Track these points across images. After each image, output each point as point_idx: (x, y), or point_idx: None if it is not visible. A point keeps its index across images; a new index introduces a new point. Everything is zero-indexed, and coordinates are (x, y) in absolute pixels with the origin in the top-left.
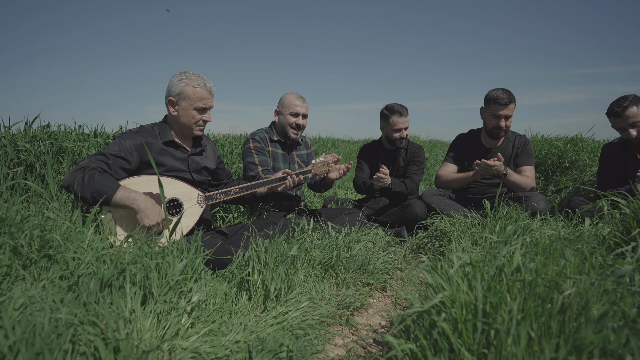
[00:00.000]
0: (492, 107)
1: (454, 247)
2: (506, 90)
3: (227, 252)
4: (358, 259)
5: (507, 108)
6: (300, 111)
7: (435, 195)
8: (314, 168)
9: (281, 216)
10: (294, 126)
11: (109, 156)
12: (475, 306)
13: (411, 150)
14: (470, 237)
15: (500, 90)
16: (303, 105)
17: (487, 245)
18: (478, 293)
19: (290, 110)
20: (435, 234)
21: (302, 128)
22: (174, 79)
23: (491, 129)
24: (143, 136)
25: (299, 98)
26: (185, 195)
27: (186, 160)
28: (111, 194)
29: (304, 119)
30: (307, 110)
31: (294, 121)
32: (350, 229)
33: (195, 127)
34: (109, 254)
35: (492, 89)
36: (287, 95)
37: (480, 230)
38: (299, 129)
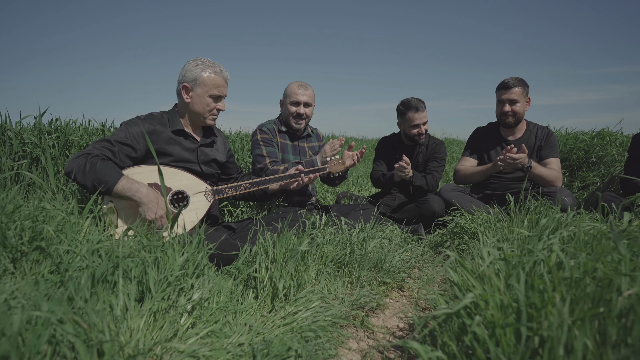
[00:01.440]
0: (497, 94)
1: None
2: (517, 77)
3: (232, 247)
4: (373, 257)
5: (510, 92)
6: (301, 99)
7: (454, 190)
8: (329, 166)
9: (291, 211)
10: (295, 115)
11: (115, 143)
12: (516, 308)
13: (432, 146)
14: (496, 234)
15: (509, 78)
16: (304, 93)
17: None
18: (518, 293)
19: (291, 99)
20: (455, 231)
21: (305, 118)
22: (189, 65)
23: (499, 116)
24: (151, 123)
25: (301, 86)
26: (192, 188)
27: (195, 151)
28: (112, 183)
29: (306, 107)
30: (309, 98)
31: (295, 110)
32: (365, 225)
33: (209, 115)
34: (105, 247)
35: None
36: (290, 84)
37: (507, 226)
38: (300, 118)
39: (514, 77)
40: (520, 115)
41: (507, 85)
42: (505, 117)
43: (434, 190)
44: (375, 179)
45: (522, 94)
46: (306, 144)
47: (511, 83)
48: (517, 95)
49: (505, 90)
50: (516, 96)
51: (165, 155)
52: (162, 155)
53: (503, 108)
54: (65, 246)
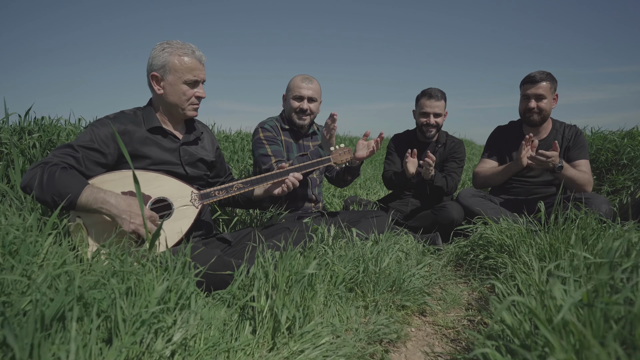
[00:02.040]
0: (522, 88)
1: (518, 259)
2: (544, 71)
3: (226, 267)
4: (390, 275)
5: (537, 86)
6: (305, 94)
7: (474, 196)
8: (333, 156)
9: (295, 220)
10: (298, 111)
11: (78, 148)
12: None
13: (450, 145)
14: (531, 249)
15: (536, 71)
16: (309, 87)
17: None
18: None
19: (294, 93)
20: (479, 243)
21: (309, 114)
22: (154, 51)
23: (523, 113)
24: (122, 122)
25: (305, 79)
26: (176, 194)
27: (177, 150)
28: (75, 195)
29: (310, 102)
30: (315, 92)
31: (298, 105)
32: (379, 235)
33: (188, 105)
34: (67, 274)
35: None
36: (294, 78)
37: (548, 241)
38: (304, 114)
39: (541, 70)
40: (546, 113)
41: (533, 79)
42: (530, 114)
43: (452, 192)
44: (388, 178)
45: (550, 89)
46: (311, 142)
47: (538, 77)
48: (544, 90)
49: (532, 84)
50: (543, 91)
51: (142, 158)
52: (137, 159)
53: (528, 104)
54: (16, 274)
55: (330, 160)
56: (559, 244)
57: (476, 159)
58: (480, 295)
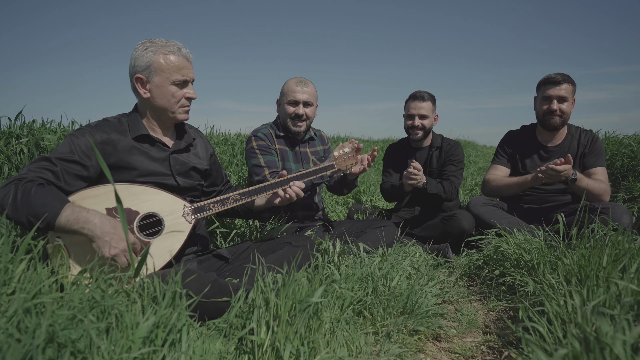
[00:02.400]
0: (542, 90)
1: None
2: (563, 73)
3: (222, 292)
4: (401, 297)
5: (558, 87)
6: (299, 98)
7: (485, 205)
8: (337, 162)
9: (297, 232)
10: (293, 117)
11: (56, 161)
12: None
13: (446, 148)
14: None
15: (555, 73)
16: (304, 90)
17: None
18: None
19: (288, 97)
20: (493, 257)
21: (305, 119)
22: (136, 51)
23: (542, 116)
24: (104, 131)
25: (300, 82)
26: (167, 208)
27: (167, 160)
28: (53, 215)
29: (306, 107)
30: (310, 96)
31: (293, 111)
32: (387, 249)
33: (178, 107)
34: (40, 306)
35: None
36: (288, 81)
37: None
38: (299, 119)
39: (559, 72)
40: (567, 117)
41: (555, 80)
42: (551, 117)
43: (453, 198)
44: (385, 190)
45: (572, 92)
46: (309, 149)
47: (560, 78)
48: (566, 92)
49: (554, 85)
50: (565, 93)
51: (128, 169)
52: (123, 170)
53: (550, 105)
54: None
55: (335, 166)
56: (590, 267)
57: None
58: (498, 317)
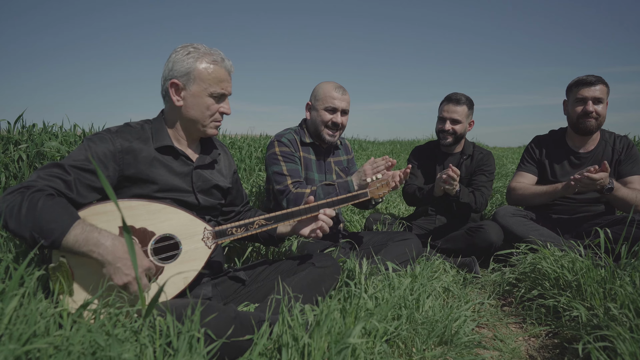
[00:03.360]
0: (574, 92)
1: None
2: (595, 75)
3: (244, 329)
4: (436, 324)
5: (593, 88)
6: (339, 105)
7: (514, 215)
8: (370, 191)
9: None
10: (329, 125)
11: (70, 169)
12: None
13: (478, 157)
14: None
15: (587, 75)
16: (342, 97)
17: None
18: None
19: (326, 104)
20: (530, 275)
21: (341, 128)
22: (177, 54)
23: (576, 119)
24: (125, 138)
25: (338, 88)
26: (186, 231)
27: (189, 175)
28: (60, 233)
29: (343, 115)
30: (348, 104)
31: (330, 118)
32: (417, 268)
33: (210, 122)
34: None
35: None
36: (323, 84)
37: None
38: (336, 129)
39: (591, 74)
40: (602, 120)
41: (589, 81)
42: (586, 119)
43: (481, 210)
44: (410, 194)
45: (607, 93)
46: (332, 158)
47: (594, 79)
48: (601, 93)
49: (588, 86)
50: (601, 94)
51: (147, 182)
52: (142, 184)
53: (586, 107)
54: None
55: (368, 194)
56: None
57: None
58: (542, 344)
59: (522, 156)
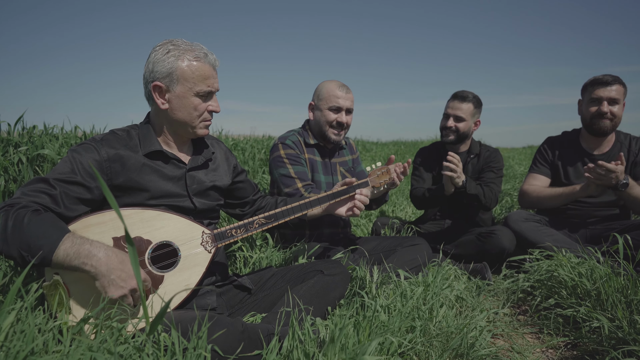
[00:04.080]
0: (589, 91)
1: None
2: (612, 74)
3: (252, 343)
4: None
5: (609, 88)
6: (343, 104)
7: (527, 220)
8: (371, 179)
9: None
10: (334, 125)
11: (55, 183)
12: None
13: (485, 155)
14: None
15: (603, 74)
16: (347, 96)
17: None
18: None
19: (330, 103)
20: (546, 283)
21: (345, 127)
22: (156, 54)
23: (590, 119)
24: (111, 146)
25: (342, 87)
26: (184, 236)
27: (183, 178)
28: (50, 249)
29: (348, 114)
30: (352, 103)
31: (335, 118)
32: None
33: (199, 122)
34: None
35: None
36: (326, 83)
37: None
38: (341, 128)
39: (608, 74)
40: (618, 121)
41: (605, 81)
42: (600, 120)
43: (491, 206)
44: (419, 197)
45: (624, 93)
46: (337, 159)
47: (611, 78)
48: (618, 94)
49: (604, 86)
50: (617, 94)
51: (138, 190)
52: (133, 192)
53: (600, 107)
54: None
55: (369, 183)
56: None
57: None
58: (561, 357)
59: (534, 158)
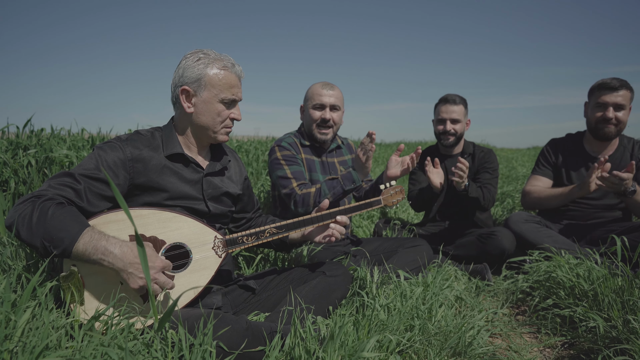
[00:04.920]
0: (595, 95)
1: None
2: (620, 78)
3: (255, 339)
4: (449, 334)
5: (615, 94)
6: (326, 101)
7: (527, 221)
8: (384, 197)
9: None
10: (319, 122)
11: (80, 178)
12: None
13: (479, 156)
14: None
15: (611, 78)
16: (330, 93)
17: None
18: None
19: (314, 101)
20: (544, 283)
21: (332, 125)
22: (187, 61)
23: (595, 124)
24: (135, 146)
25: (325, 85)
26: (197, 239)
27: (200, 182)
28: (70, 242)
29: (333, 111)
30: (337, 100)
31: (319, 115)
32: (429, 277)
33: (221, 128)
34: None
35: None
36: (312, 85)
37: None
38: (325, 125)
39: (616, 77)
40: (623, 126)
41: (612, 86)
42: (605, 125)
43: (489, 207)
44: (414, 198)
45: (630, 99)
46: (336, 158)
47: (618, 83)
48: (624, 99)
49: (610, 91)
50: (623, 100)
51: (158, 191)
52: (152, 192)
53: (606, 113)
54: None
55: (381, 202)
56: None
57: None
58: (558, 356)
59: (537, 159)
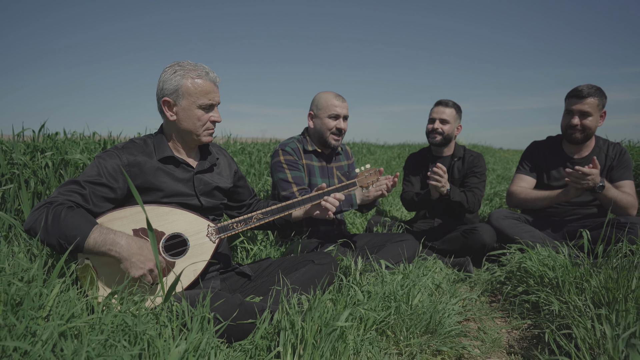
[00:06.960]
0: (566, 102)
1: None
2: (593, 85)
3: (248, 314)
4: (423, 316)
5: (583, 102)
6: (341, 112)
7: (507, 218)
8: (359, 180)
9: (319, 247)
10: (334, 131)
11: (85, 184)
12: None
13: (469, 159)
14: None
15: (584, 85)
16: (343, 105)
17: None
18: None
19: (329, 111)
20: (516, 274)
21: (343, 133)
22: (165, 74)
23: (564, 129)
24: (131, 153)
25: (338, 97)
26: (192, 229)
27: (191, 180)
28: (82, 238)
29: (345, 121)
30: (347, 110)
31: (334, 125)
32: (409, 266)
33: (203, 130)
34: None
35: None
36: (323, 94)
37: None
38: (340, 134)
39: (590, 84)
40: (590, 132)
41: (580, 94)
42: (572, 132)
43: (475, 210)
44: (408, 200)
45: (597, 106)
46: (334, 164)
47: (585, 92)
48: (590, 107)
49: (578, 99)
50: (589, 108)
51: (153, 190)
52: (149, 192)
53: (571, 120)
54: (19, 333)
55: (356, 184)
56: (618, 290)
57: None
58: (522, 336)
59: (520, 160)
